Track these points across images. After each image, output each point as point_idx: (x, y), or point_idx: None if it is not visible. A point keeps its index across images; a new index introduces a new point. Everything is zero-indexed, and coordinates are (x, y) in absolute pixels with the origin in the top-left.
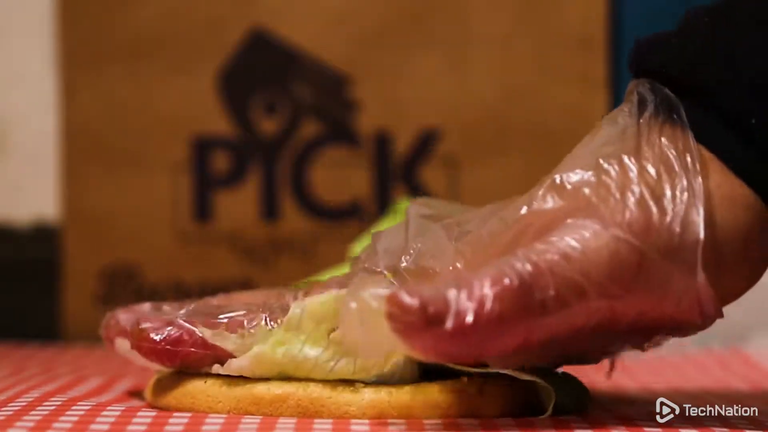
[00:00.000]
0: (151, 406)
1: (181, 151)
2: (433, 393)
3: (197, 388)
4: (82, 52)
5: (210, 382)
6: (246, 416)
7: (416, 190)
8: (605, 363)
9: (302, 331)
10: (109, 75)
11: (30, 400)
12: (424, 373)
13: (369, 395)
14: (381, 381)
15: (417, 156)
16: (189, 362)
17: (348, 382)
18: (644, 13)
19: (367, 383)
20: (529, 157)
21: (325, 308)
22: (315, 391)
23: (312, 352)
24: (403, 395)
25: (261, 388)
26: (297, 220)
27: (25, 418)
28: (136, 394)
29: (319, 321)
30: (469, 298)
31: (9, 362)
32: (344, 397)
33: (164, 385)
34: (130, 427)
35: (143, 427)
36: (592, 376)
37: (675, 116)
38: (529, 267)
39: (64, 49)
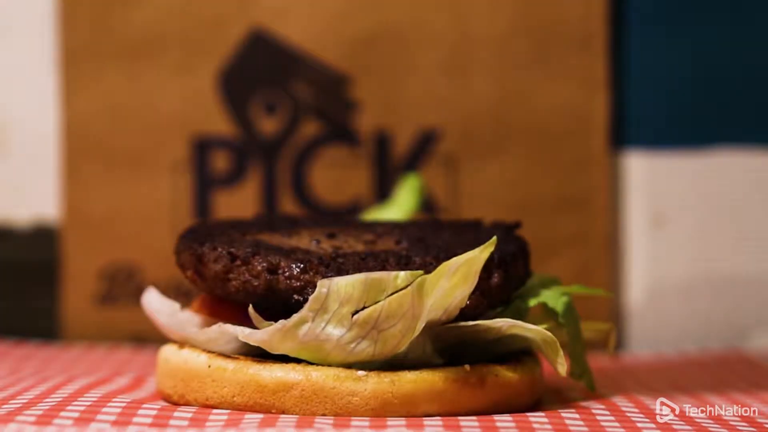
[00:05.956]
0: (160, 392)
1: (181, 151)
2: (436, 382)
3: (203, 373)
4: (82, 52)
5: (215, 367)
6: (248, 413)
7: None
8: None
9: (326, 311)
10: (109, 75)
11: (31, 397)
12: (427, 364)
13: (372, 385)
14: (396, 363)
15: (417, 156)
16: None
17: (351, 372)
18: (645, 13)
19: (371, 370)
20: (528, 157)
21: (350, 290)
22: (319, 380)
23: (335, 331)
24: (405, 384)
25: (265, 376)
26: None
27: (26, 412)
28: (141, 384)
29: (344, 302)
30: None
31: (7, 361)
32: (347, 386)
33: (172, 373)
34: (135, 419)
35: (148, 420)
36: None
37: None
38: None
39: (64, 49)
